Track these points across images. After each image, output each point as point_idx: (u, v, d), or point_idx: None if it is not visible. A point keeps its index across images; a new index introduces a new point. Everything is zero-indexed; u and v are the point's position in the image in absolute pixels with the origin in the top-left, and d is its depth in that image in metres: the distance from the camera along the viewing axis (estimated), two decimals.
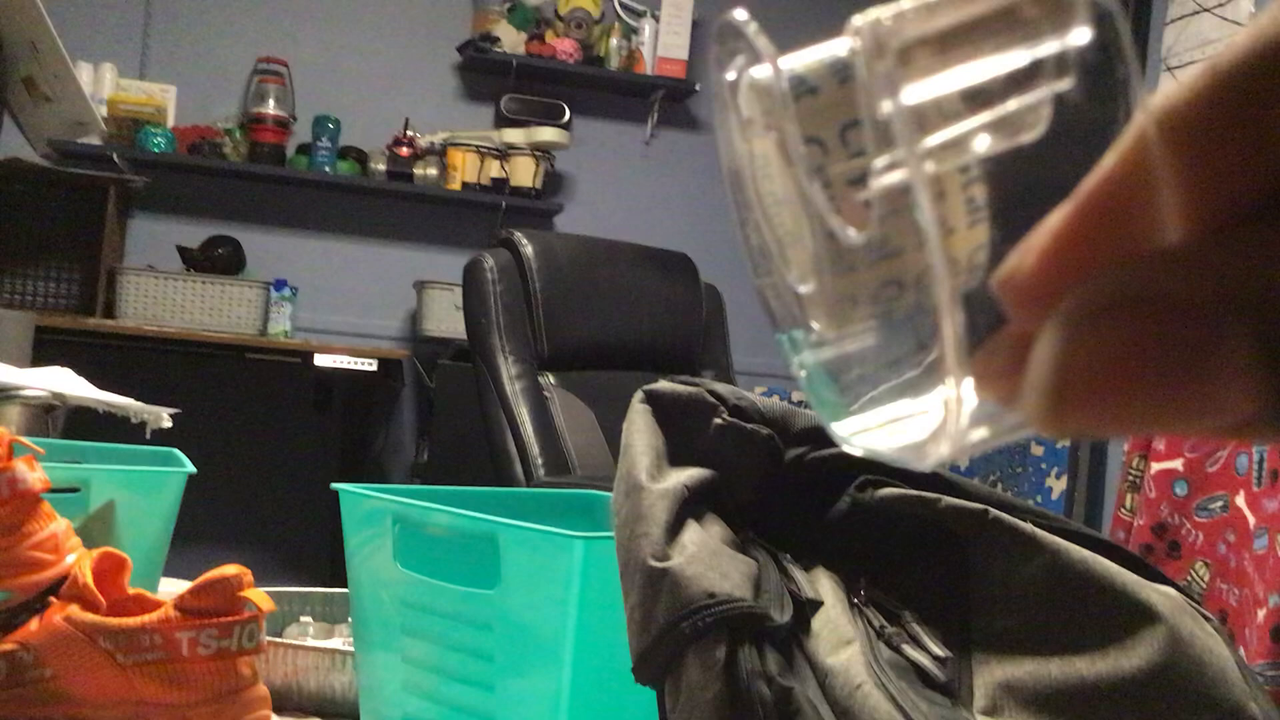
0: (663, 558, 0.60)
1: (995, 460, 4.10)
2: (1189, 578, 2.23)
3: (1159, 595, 0.63)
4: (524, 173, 4.08)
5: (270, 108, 3.97)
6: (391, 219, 4.23)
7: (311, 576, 4.11)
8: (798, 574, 0.65)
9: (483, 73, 4.23)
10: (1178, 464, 2.26)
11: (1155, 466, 2.28)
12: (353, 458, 3.89)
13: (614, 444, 2.31)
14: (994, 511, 0.67)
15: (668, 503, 0.63)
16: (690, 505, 0.64)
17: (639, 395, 0.72)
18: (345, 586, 0.92)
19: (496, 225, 4.17)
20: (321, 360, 3.68)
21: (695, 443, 0.70)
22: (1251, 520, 2.10)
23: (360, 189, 4.12)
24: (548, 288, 2.35)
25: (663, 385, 0.72)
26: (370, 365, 3.72)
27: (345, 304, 4.18)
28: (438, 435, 3.79)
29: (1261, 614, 1.96)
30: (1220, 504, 2.18)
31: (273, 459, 4.14)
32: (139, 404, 1.38)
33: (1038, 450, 3.87)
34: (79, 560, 0.81)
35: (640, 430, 0.70)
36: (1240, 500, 2.13)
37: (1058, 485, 3.75)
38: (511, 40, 4.12)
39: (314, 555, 4.12)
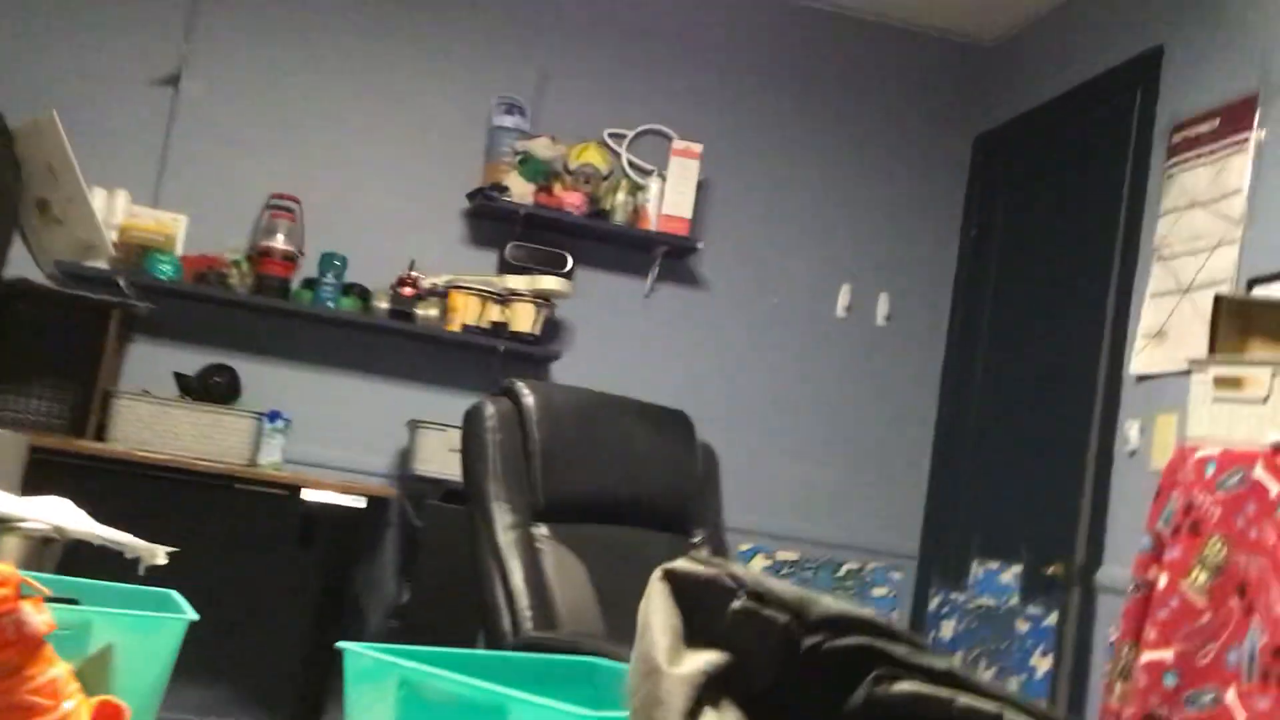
0: None
1: (980, 635, 4.06)
2: None
3: None
4: (524, 318, 4.13)
5: (279, 242, 4.03)
6: (390, 357, 4.26)
7: (283, 715, 4.01)
8: None
9: (490, 219, 4.31)
10: (1168, 654, 2.24)
11: (1146, 656, 2.26)
12: (333, 595, 3.84)
13: (604, 599, 2.29)
14: (1009, 713, 0.66)
15: (686, 689, 0.63)
16: (707, 691, 0.64)
17: (658, 573, 0.72)
18: None
19: (494, 369, 4.20)
20: (309, 495, 3.66)
21: (712, 624, 0.70)
22: (1242, 716, 2.07)
23: (361, 325, 4.15)
24: (547, 439, 2.35)
25: (682, 564, 0.72)
26: (358, 502, 3.70)
27: (338, 438, 4.18)
28: (420, 576, 3.75)
29: None
30: (1210, 698, 2.15)
31: (253, 591, 4.08)
32: (136, 540, 1.38)
33: (1023, 626, 3.84)
34: (78, 708, 0.80)
35: (658, 610, 0.70)
36: (1230, 696, 2.11)
37: (1042, 664, 3.71)
38: (520, 190, 4.21)
39: (286, 693, 4.03)
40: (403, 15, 4.34)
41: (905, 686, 0.68)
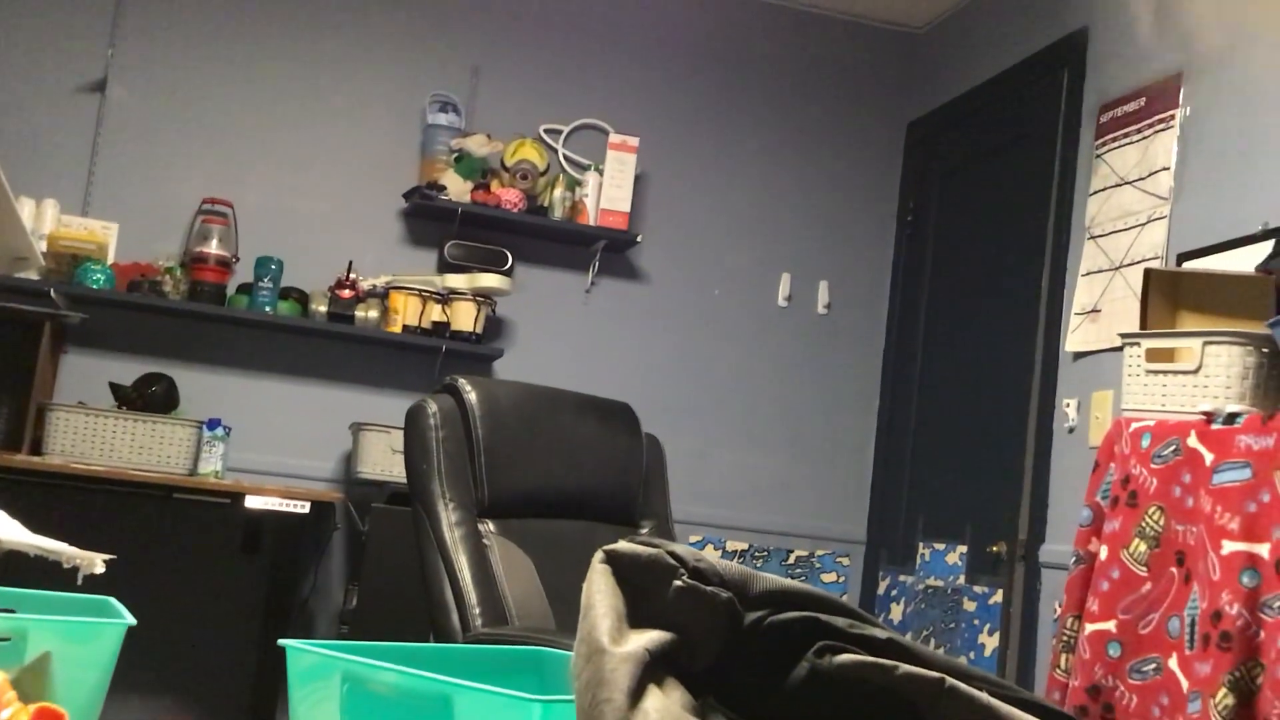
0: None
1: (929, 616, 4.11)
2: None
3: None
4: (465, 317, 4.11)
5: (213, 247, 3.98)
6: (331, 360, 4.22)
7: None
8: None
9: (428, 219, 4.28)
10: (1110, 625, 2.27)
11: (1089, 627, 2.30)
12: (280, 602, 3.80)
13: (552, 594, 2.29)
14: (950, 680, 0.67)
15: (629, 667, 0.63)
16: (652, 669, 0.64)
17: (599, 555, 0.72)
18: None
19: (436, 369, 4.18)
20: (252, 502, 3.62)
21: (655, 604, 0.70)
22: (1185, 683, 2.11)
23: (300, 329, 4.11)
24: (490, 435, 2.35)
25: (623, 546, 0.72)
26: (302, 507, 3.66)
27: (279, 444, 4.13)
28: (368, 580, 3.72)
29: None
30: (1153, 666, 2.19)
31: (198, 601, 4.03)
32: (72, 549, 1.35)
33: (970, 606, 3.88)
34: (15, 715, 0.78)
35: (601, 591, 0.70)
36: (1173, 663, 2.15)
37: (990, 642, 3.75)
38: (457, 188, 4.18)
39: (235, 702, 3.99)
40: (332, 14, 4.30)
41: (847, 658, 0.68)
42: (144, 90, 4.13)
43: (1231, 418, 2.19)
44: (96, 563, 1.35)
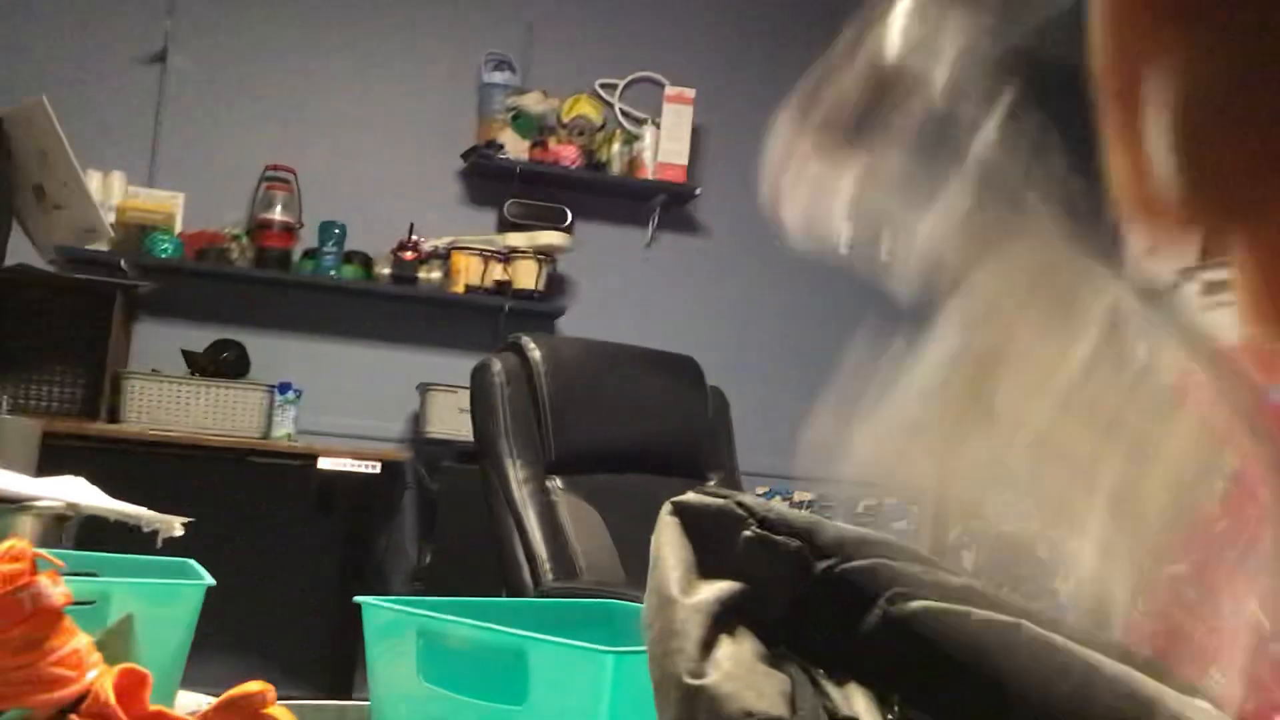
0: (698, 674, 0.60)
1: (1001, 563, 4.08)
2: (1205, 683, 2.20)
3: (1196, 710, 0.63)
4: (526, 275, 4.12)
5: (277, 213, 4.02)
6: (395, 322, 4.25)
7: (313, 683, 4.05)
8: (832, 690, 0.64)
9: (487, 178, 4.29)
10: (1184, 568, 2.24)
11: (1164, 570, 2.27)
12: (355, 561, 3.86)
13: (621, 547, 2.30)
14: (1027, 625, 0.66)
15: (701, 617, 0.63)
16: (722, 620, 0.64)
17: (667, 507, 0.72)
18: (347, 695, 0.91)
19: (499, 328, 4.20)
20: (325, 463, 3.67)
21: (724, 554, 0.70)
22: (1266, 623, 2.08)
23: (365, 293, 4.15)
24: (555, 392, 2.36)
25: (690, 497, 0.72)
26: (373, 468, 3.71)
27: (348, 406, 4.18)
28: (440, 538, 3.77)
29: None
30: (1230, 607, 2.16)
31: (275, 562, 4.11)
32: (151, 513, 1.38)
33: (1044, 551, 3.85)
34: (100, 677, 0.80)
35: (669, 543, 0.70)
36: (1252, 603, 2.12)
37: (1064, 587, 3.72)
38: (515, 147, 4.18)
39: (315, 661, 4.07)
40: None
41: (921, 604, 0.68)
42: (203, 59, 4.16)
43: None
44: (175, 526, 1.38)
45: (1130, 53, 0.26)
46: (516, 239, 4.15)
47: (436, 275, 4.11)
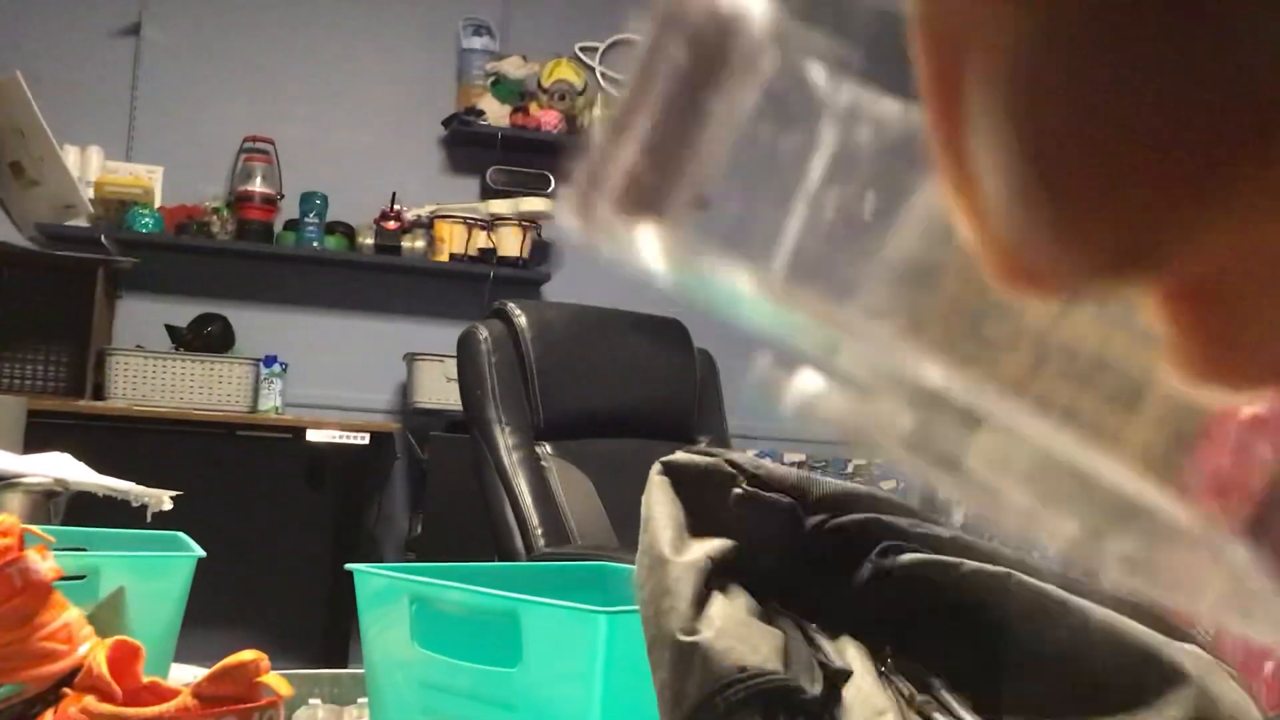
0: (692, 631, 0.60)
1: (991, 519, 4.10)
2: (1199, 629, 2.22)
3: (1186, 655, 0.63)
4: (511, 242, 4.10)
5: (257, 185, 3.99)
6: (380, 292, 4.24)
7: (307, 654, 4.06)
8: (825, 643, 0.64)
9: (468, 145, 4.26)
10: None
11: None
12: (346, 532, 3.87)
13: (613, 512, 2.30)
14: (1017, 575, 0.67)
15: (693, 575, 0.63)
16: (715, 577, 0.64)
17: (657, 467, 0.72)
18: (342, 664, 0.91)
19: (485, 295, 4.18)
20: (313, 435, 3.67)
21: (715, 513, 0.70)
22: None
23: (348, 263, 4.13)
24: (542, 357, 2.35)
25: (680, 456, 0.72)
26: (362, 439, 3.70)
27: (335, 378, 4.17)
28: (431, 508, 3.77)
29: (1269, 666, 1.95)
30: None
31: (266, 536, 4.11)
32: (140, 487, 1.38)
33: None
34: (93, 650, 0.80)
35: (660, 502, 0.70)
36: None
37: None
38: (496, 113, 4.16)
39: (309, 632, 4.07)
40: None
41: (911, 556, 0.68)
42: (177, 31, 4.12)
43: None
44: (164, 500, 1.38)
45: (951, 20, 0.15)
46: (500, 206, 4.13)
47: (420, 244, 4.09)
